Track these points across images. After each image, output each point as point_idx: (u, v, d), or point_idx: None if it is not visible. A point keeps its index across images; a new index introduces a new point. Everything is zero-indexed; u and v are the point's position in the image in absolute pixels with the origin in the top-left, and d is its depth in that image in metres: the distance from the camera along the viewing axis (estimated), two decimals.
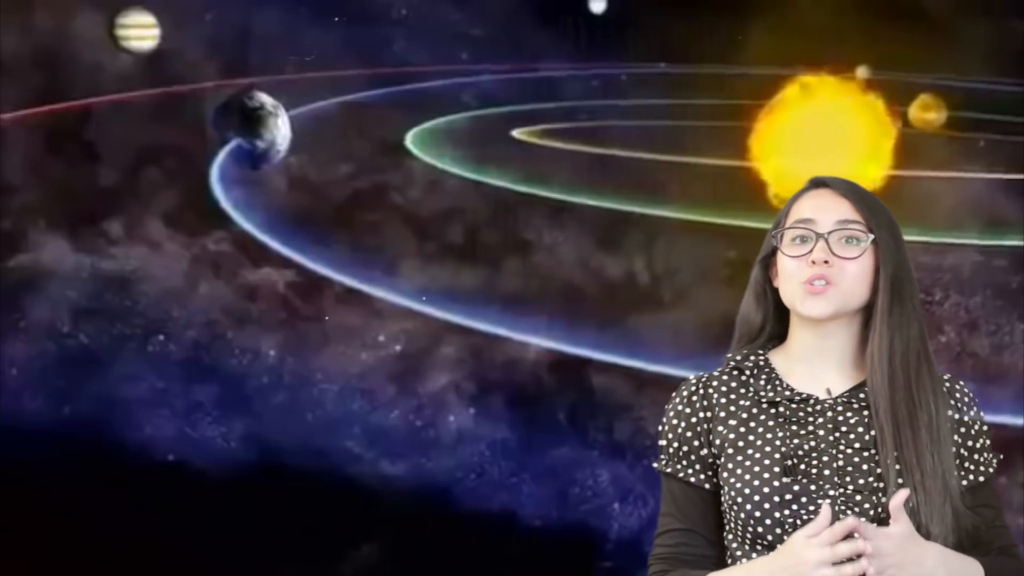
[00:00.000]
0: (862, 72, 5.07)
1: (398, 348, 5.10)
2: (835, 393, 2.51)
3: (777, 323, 2.58)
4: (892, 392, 2.46)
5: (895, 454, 2.43)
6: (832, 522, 2.36)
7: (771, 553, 2.43)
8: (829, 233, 2.50)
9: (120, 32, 4.97)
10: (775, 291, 2.57)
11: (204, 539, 4.94)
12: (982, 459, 2.54)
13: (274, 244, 5.07)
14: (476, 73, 5.08)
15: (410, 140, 5.08)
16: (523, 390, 5.12)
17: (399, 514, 5.05)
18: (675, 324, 5.07)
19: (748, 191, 4.98)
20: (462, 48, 5.09)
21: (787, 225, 2.54)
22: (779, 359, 2.56)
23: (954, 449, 2.49)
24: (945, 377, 2.56)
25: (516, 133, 5.09)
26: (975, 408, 2.55)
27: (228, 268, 5.08)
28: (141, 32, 4.98)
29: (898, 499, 2.36)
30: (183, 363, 5.06)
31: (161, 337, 5.07)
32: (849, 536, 2.35)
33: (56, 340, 5.02)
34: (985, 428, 2.56)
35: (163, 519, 4.95)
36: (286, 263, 5.08)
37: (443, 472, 5.07)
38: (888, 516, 2.39)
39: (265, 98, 4.95)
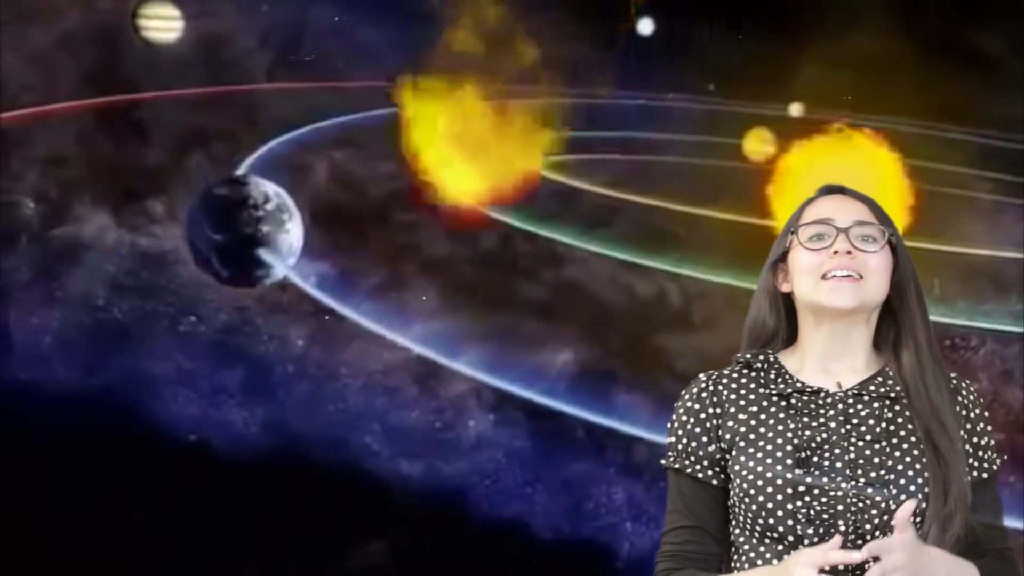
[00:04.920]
0: (901, 123, 5.02)
1: (423, 349, 5.13)
2: (845, 387, 2.51)
3: (788, 327, 2.59)
4: (924, 381, 2.49)
5: (932, 441, 2.45)
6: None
7: (768, 567, 2.44)
8: (848, 229, 2.52)
9: (142, 23, 5.04)
10: (783, 296, 2.58)
11: (215, 519, 5.00)
12: (986, 456, 2.54)
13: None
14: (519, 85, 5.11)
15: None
16: (544, 399, 5.12)
17: (410, 513, 5.07)
18: (703, 346, 5.05)
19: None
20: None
21: (804, 223, 2.55)
22: (789, 359, 2.57)
23: (960, 445, 2.50)
24: (952, 375, 2.57)
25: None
26: (980, 407, 2.56)
27: None
28: (162, 24, 5.05)
29: (906, 511, 2.36)
30: (212, 345, 5.13)
31: (193, 318, 5.14)
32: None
33: (90, 312, 5.11)
34: (989, 428, 2.56)
35: (178, 495, 5.01)
36: (319, 256, 5.14)
37: (458, 476, 5.09)
38: (898, 507, 2.40)
39: (264, 190, 4.81)
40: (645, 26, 5.04)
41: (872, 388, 2.51)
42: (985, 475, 2.53)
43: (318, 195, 5.16)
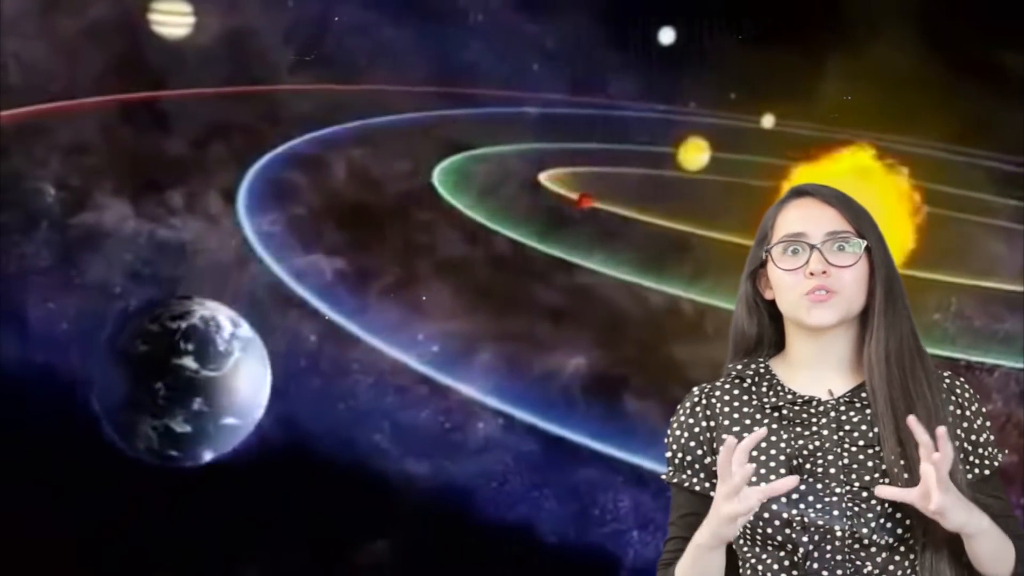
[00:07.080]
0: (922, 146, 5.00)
1: (435, 349, 5.14)
2: (837, 394, 2.51)
3: (774, 332, 2.58)
4: (890, 390, 2.46)
5: (898, 450, 2.43)
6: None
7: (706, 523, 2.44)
8: (822, 244, 2.50)
9: (154, 17, 5.07)
10: (767, 303, 2.57)
11: (221, 513, 5.02)
12: (986, 452, 2.52)
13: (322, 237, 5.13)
14: (541, 91, 5.12)
15: (440, 170, 5.15)
16: (555, 405, 5.12)
17: (416, 513, 5.08)
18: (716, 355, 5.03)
19: None
20: (533, 59, 5.14)
21: (777, 239, 2.54)
22: (780, 366, 2.56)
23: (957, 443, 2.48)
24: (944, 374, 2.55)
25: (544, 177, 5.13)
26: (976, 403, 2.54)
27: (279, 250, 5.17)
28: (174, 19, 5.07)
29: (937, 434, 2.33)
30: None
31: None
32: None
33: (107, 300, 5.15)
34: (988, 423, 2.54)
35: (185, 487, 5.03)
36: (335, 251, 5.16)
37: (465, 477, 5.10)
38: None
39: (192, 310, 4.31)
40: (666, 36, 5.04)
41: (863, 395, 2.50)
42: (987, 472, 2.51)
43: (336, 193, 5.19)
